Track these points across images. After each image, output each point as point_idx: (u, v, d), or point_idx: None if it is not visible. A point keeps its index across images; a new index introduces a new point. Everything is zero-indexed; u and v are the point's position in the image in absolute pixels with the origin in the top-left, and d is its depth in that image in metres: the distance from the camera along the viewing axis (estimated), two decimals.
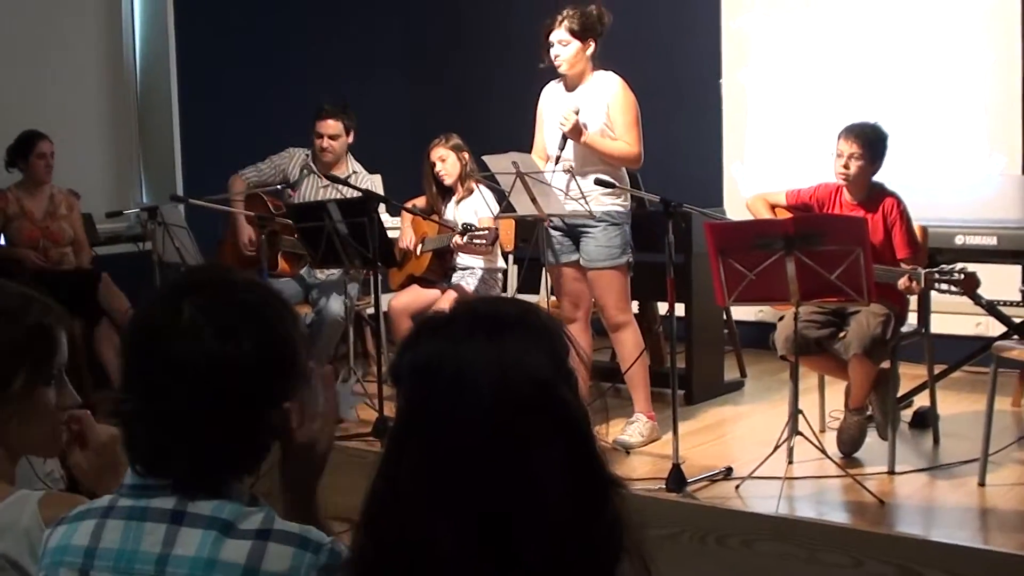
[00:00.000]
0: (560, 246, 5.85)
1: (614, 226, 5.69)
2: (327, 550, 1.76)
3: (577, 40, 5.64)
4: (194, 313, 1.79)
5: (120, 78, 8.14)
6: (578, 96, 5.74)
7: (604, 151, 5.64)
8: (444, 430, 1.45)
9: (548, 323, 1.55)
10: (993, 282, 6.40)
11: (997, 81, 7.23)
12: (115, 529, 1.80)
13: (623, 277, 5.76)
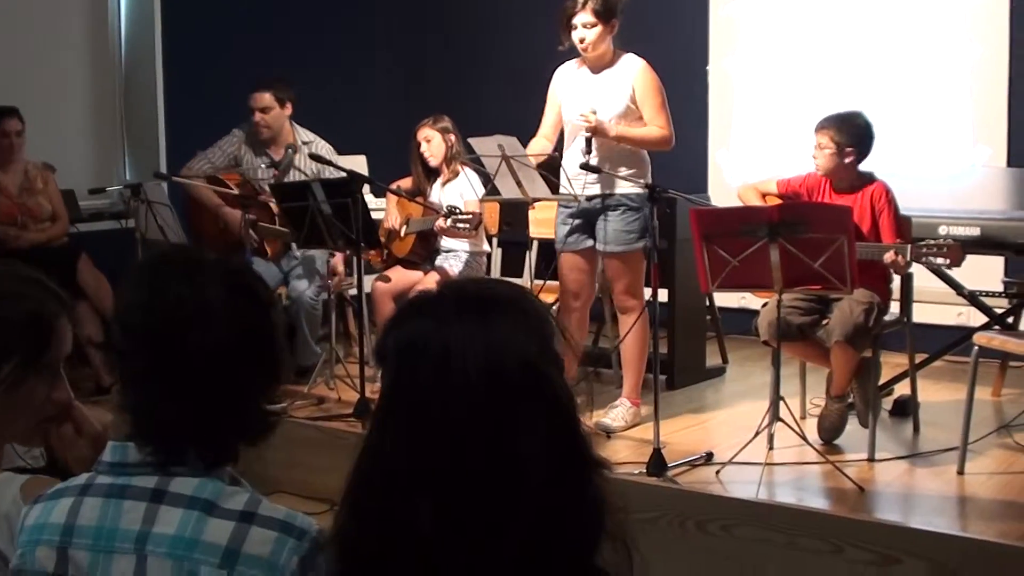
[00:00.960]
0: (572, 234, 5.78)
1: (633, 210, 5.62)
2: (310, 538, 1.75)
3: (601, 22, 5.55)
4: (212, 298, 1.81)
5: (105, 54, 8.09)
6: (603, 80, 5.67)
7: (639, 139, 5.60)
8: (428, 409, 1.45)
9: (536, 305, 1.55)
10: (975, 273, 6.43)
11: (983, 72, 7.25)
12: (94, 506, 1.79)
13: (638, 262, 5.68)
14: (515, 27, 9.02)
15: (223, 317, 1.80)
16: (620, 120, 5.59)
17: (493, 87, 9.16)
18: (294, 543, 1.73)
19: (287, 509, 1.79)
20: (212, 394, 1.79)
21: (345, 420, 5.82)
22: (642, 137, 5.61)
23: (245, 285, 1.87)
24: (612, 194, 5.62)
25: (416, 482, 1.44)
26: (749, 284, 5.22)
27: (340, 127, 7.38)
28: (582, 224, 5.74)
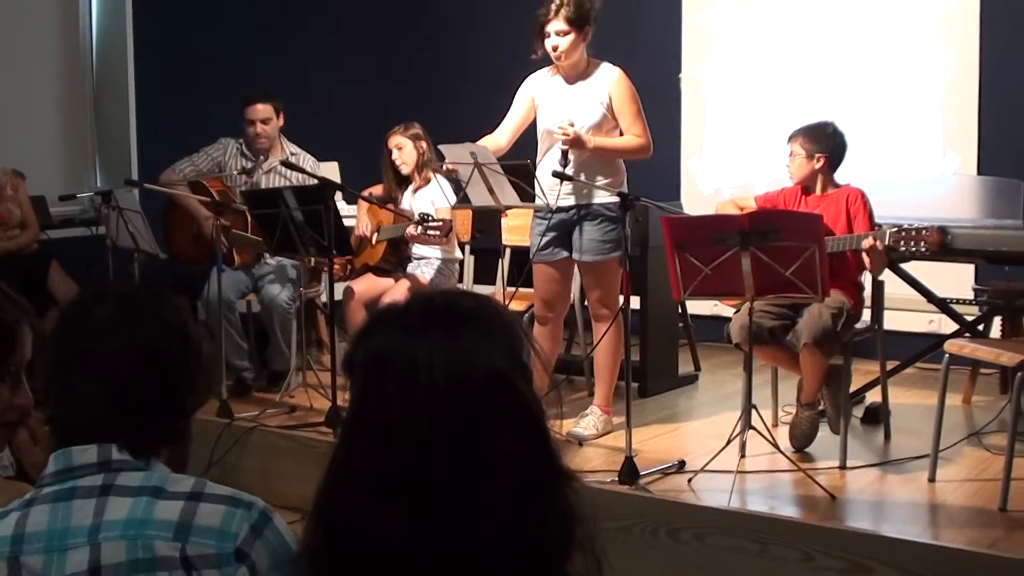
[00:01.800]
0: (548, 246, 5.75)
1: (609, 220, 5.59)
2: (258, 508, 1.83)
3: (574, 30, 5.53)
4: (106, 309, 1.94)
5: (76, 61, 8.06)
6: (578, 90, 5.65)
7: (617, 149, 5.60)
8: (397, 420, 1.44)
9: (504, 316, 1.55)
10: (946, 280, 6.48)
11: (954, 81, 7.29)
12: (41, 513, 1.82)
13: (613, 272, 5.64)
14: (486, 33, 9.02)
15: (111, 337, 1.90)
16: (596, 130, 5.59)
17: (463, 93, 9.16)
18: (243, 512, 1.81)
19: (232, 488, 1.87)
20: (119, 403, 1.88)
21: (317, 429, 5.80)
22: (621, 147, 5.60)
23: (137, 306, 1.96)
24: (590, 204, 5.62)
25: (385, 493, 1.44)
26: (721, 292, 5.23)
27: (312, 134, 7.35)
28: (557, 235, 5.72)
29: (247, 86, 7.02)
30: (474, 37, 9.19)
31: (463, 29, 9.28)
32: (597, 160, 5.59)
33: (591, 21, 5.57)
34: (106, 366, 1.88)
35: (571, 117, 5.54)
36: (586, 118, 5.59)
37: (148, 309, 1.95)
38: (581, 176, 5.54)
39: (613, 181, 5.61)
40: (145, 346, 1.90)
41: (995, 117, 7.20)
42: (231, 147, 6.97)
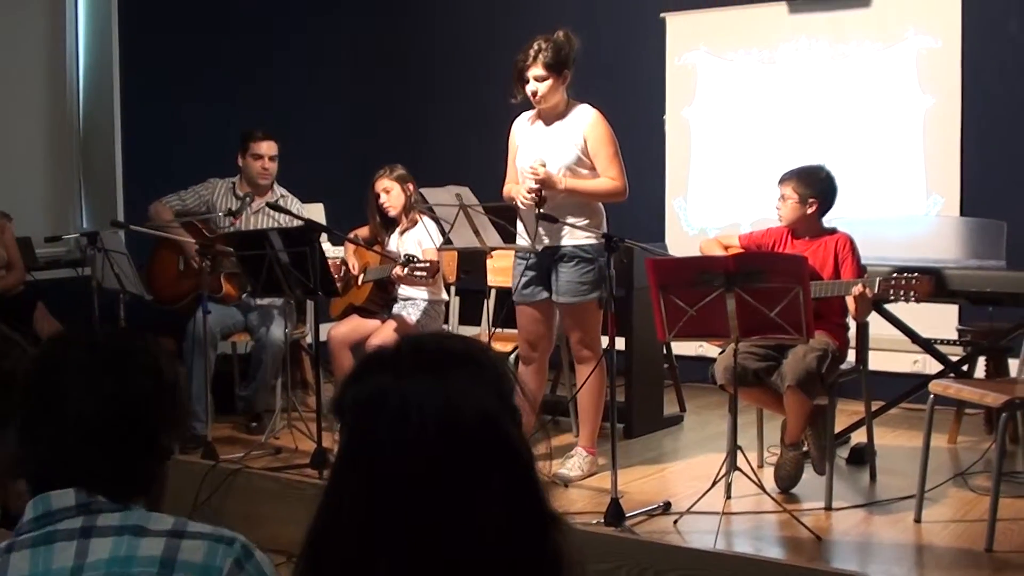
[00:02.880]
0: (528, 286, 5.77)
1: (586, 261, 5.60)
2: (239, 543, 1.84)
3: (552, 74, 5.56)
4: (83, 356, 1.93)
5: (62, 103, 8.06)
6: (554, 131, 5.67)
7: (589, 192, 5.60)
8: (387, 465, 1.44)
9: (494, 360, 1.55)
10: (930, 321, 6.51)
11: (936, 123, 7.35)
12: (22, 559, 1.80)
13: (592, 314, 5.66)
14: (470, 75, 9.07)
15: (86, 382, 1.89)
16: (571, 171, 5.60)
17: (446, 135, 9.21)
18: (225, 547, 1.82)
19: (213, 526, 1.88)
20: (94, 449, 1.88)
21: (302, 471, 5.78)
22: (593, 189, 5.60)
23: (113, 350, 1.96)
24: (565, 246, 5.63)
25: (375, 537, 1.44)
26: (706, 333, 5.24)
27: (297, 175, 7.37)
28: (537, 275, 5.73)
29: (232, 129, 7.04)
30: (457, 78, 9.23)
31: (447, 71, 9.32)
32: (572, 202, 5.59)
33: (569, 64, 5.60)
34: (81, 412, 1.87)
35: (546, 158, 5.55)
36: (560, 159, 5.59)
37: (124, 353, 1.94)
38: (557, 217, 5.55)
39: (591, 222, 5.61)
40: (121, 392, 1.90)
41: (977, 159, 7.25)
42: (220, 187, 6.99)
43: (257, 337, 6.75)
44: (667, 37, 8.31)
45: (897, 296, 5.15)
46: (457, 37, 9.28)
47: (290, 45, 9.00)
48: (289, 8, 8.98)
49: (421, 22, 9.46)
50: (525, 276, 5.76)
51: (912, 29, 7.42)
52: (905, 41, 7.45)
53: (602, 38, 8.13)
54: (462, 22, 9.26)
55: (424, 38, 9.44)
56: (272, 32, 8.87)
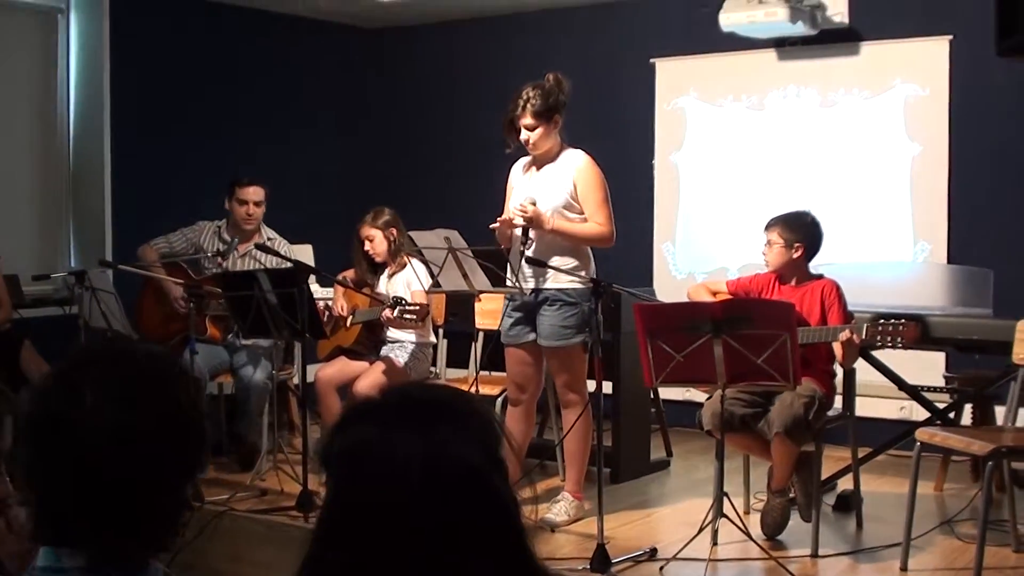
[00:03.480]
0: (515, 327, 5.78)
1: (569, 305, 5.59)
2: None
3: (543, 121, 5.60)
4: (95, 394, 1.72)
5: (52, 141, 8.07)
6: (545, 174, 5.70)
7: (576, 235, 5.60)
8: (372, 516, 1.44)
9: (480, 411, 1.55)
10: (917, 368, 6.52)
11: (924, 171, 7.39)
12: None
13: (577, 357, 5.67)
14: (460, 119, 9.11)
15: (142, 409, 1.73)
16: (560, 214, 5.61)
17: (434, 175, 9.24)
18: None
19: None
20: (114, 495, 1.72)
21: (287, 513, 5.76)
22: (580, 232, 5.61)
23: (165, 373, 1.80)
24: (546, 289, 5.64)
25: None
26: (693, 379, 5.24)
27: (285, 217, 7.39)
28: (523, 317, 5.74)
29: (221, 170, 7.06)
30: (448, 122, 9.27)
31: (437, 114, 9.36)
32: (559, 245, 5.61)
33: (559, 109, 5.63)
34: (95, 460, 1.70)
35: (536, 199, 5.58)
36: (549, 200, 5.61)
37: (147, 391, 1.76)
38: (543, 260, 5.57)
39: (578, 266, 5.62)
40: (142, 437, 1.73)
41: (964, 206, 7.28)
42: (208, 229, 7.00)
43: (240, 378, 6.74)
44: (657, 82, 8.36)
45: (884, 342, 5.17)
46: (448, 81, 9.32)
47: (280, 88, 9.03)
48: (279, 54, 9.02)
49: (411, 67, 9.50)
50: (511, 317, 5.77)
51: (899, 77, 7.47)
52: (893, 89, 7.50)
53: (592, 83, 8.17)
54: (453, 67, 9.30)
55: (415, 83, 9.48)
56: (262, 76, 8.90)
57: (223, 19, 8.57)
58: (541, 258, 5.51)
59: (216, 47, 8.59)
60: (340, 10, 8.94)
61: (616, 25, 8.55)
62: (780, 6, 7.21)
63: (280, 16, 8.87)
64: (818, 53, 7.72)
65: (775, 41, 7.79)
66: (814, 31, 7.50)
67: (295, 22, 9.02)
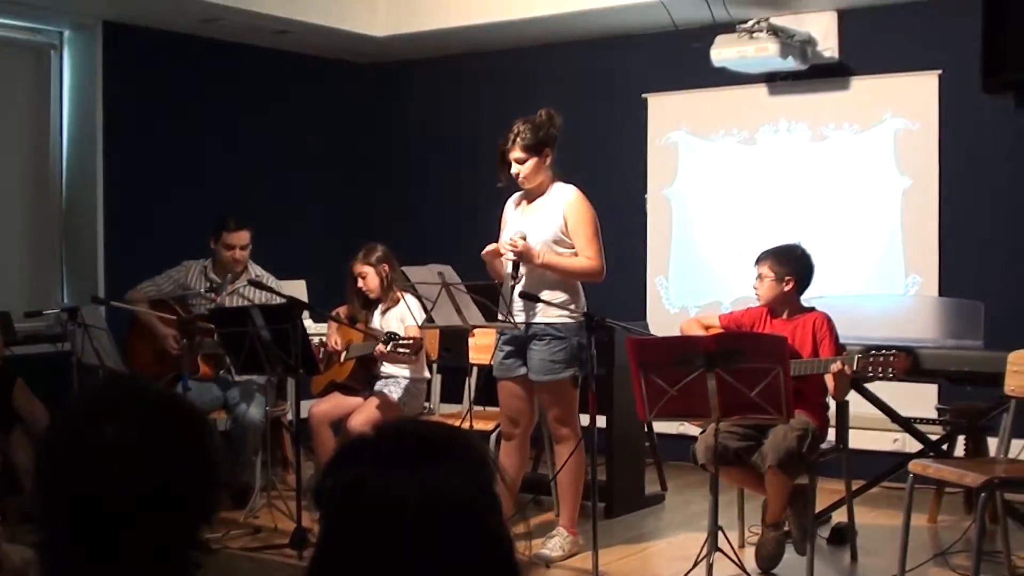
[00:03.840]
0: (507, 361, 5.79)
1: (558, 339, 5.61)
2: None
3: (533, 155, 5.65)
4: (118, 433, 1.70)
5: (45, 177, 8.08)
6: (535, 208, 5.73)
7: (565, 269, 5.62)
8: (366, 555, 1.44)
9: (473, 448, 1.55)
10: (910, 400, 6.52)
11: (914, 205, 7.41)
12: None
13: (567, 392, 5.68)
14: (453, 155, 9.15)
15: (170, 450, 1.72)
16: (550, 248, 5.64)
17: (429, 211, 9.26)
18: None
19: None
20: (131, 540, 1.69)
21: (281, 551, 5.75)
22: (569, 267, 5.63)
23: (188, 415, 1.79)
24: (535, 323, 5.65)
25: None
26: (686, 413, 5.25)
27: (279, 252, 7.40)
28: (515, 351, 5.75)
29: (214, 206, 7.07)
30: (441, 158, 9.30)
31: (431, 150, 9.39)
32: (548, 278, 5.62)
33: (550, 143, 5.66)
34: (113, 496, 1.67)
35: (526, 232, 5.60)
36: (540, 235, 5.64)
37: (165, 431, 1.74)
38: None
39: (567, 300, 5.63)
40: (161, 475, 1.70)
41: (955, 239, 7.31)
42: (194, 269, 7.00)
43: (235, 415, 6.73)
44: (648, 117, 8.39)
45: (875, 373, 5.18)
46: (441, 116, 9.35)
47: (274, 124, 9.05)
48: (273, 89, 9.05)
49: (404, 102, 9.53)
50: (503, 351, 5.78)
51: (889, 112, 7.51)
52: (883, 123, 7.54)
53: (585, 118, 8.21)
54: (446, 102, 9.33)
55: (408, 118, 9.51)
56: (256, 112, 8.92)
57: (216, 55, 8.60)
58: (531, 292, 5.52)
59: (209, 83, 8.61)
60: (334, 45, 8.97)
61: (608, 61, 8.59)
62: (771, 41, 7.25)
63: (273, 52, 8.91)
64: (808, 88, 7.77)
65: (766, 76, 7.83)
66: (804, 66, 7.54)
67: (288, 58, 9.05)
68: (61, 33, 8.09)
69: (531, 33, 8.47)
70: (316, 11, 8.25)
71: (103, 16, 7.91)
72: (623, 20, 8.07)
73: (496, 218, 5.97)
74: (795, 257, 5.64)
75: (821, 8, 7.55)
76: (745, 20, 7.35)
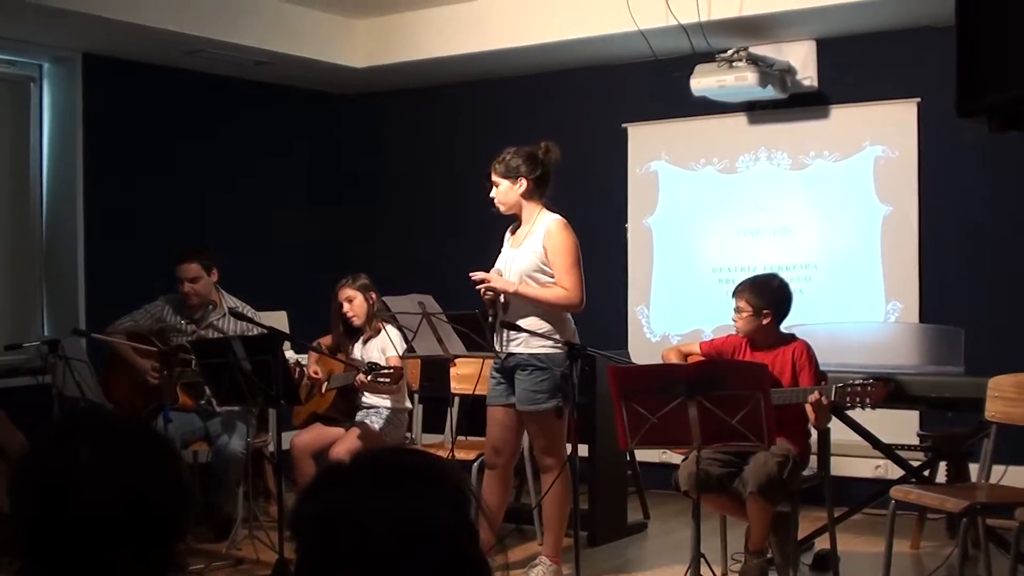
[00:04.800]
0: (498, 388, 5.80)
1: (541, 370, 5.61)
2: None
3: (506, 179, 5.70)
4: (93, 455, 1.74)
5: (26, 210, 8.07)
6: (521, 236, 5.76)
7: (540, 299, 5.63)
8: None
9: (452, 475, 1.55)
10: (892, 426, 6.54)
11: (894, 232, 7.45)
12: None
13: (551, 422, 5.65)
14: (436, 186, 9.16)
15: (93, 483, 1.73)
16: (530, 277, 5.65)
17: (411, 242, 9.26)
18: None
19: None
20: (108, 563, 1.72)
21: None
22: (543, 297, 5.64)
23: (126, 448, 1.80)
24: (519, 353, 5.66)
25: None
26: (668, 441, 5.25)
27: (260, 284, 7.39)
28: (504, 380, 5.77)
29: (194, 239, 7.05)
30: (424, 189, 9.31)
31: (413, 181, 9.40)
32: (530, 308, 5.64)
33: (531, 175, 5.70)
34: (90, 518, 1.71)
35: (511, 264, 5.65)
36: (519, 265, 5.67)
37: (137, 452, 1.78)
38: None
39: (550, 331, 5.64)
40: (136, 495, 1.74)
41: (935, 266, 7.34)
42: (166, 306, 6.96)
43: (216, 446, 6.70)
44: (629, 147, 8.43)
45: (853, 403, 5.20)
46: (422, 147, 9.36)
47: (254, 155, 9.06)
48: (253, 121, 9.06)
49: (384, 133, 9.55)
50: (494, 379, 5.80)
51: (869, 140, 7.56)
52: (862, 151, 7.58)
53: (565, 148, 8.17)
54: (427, 133, 9.35)
55: (389, 149, 9.53)
56: (236, 143, 8.93)
57: (196, 87, 8.61)
58: (513, 322, 5.54)
59: (189, 115, 8.62)
60: (313, 77, 8.99)
61: (588, 91, 8.63)
62: (750, 71, 7.29)
63: (253, 83, 8.92)
64: (788, 116, 7.81)
65: (745, 105, 7.87)
66: (784, 95, 7.58)
67: (268, 89, 9.07)
68: (41, 66, 8.09)
69: (511, 63, 8.50)
70: (296, 43, 8.28)
71: (83, 49, 7.92)
72: (603, 50, 8.11)
73: (475, 248, 5.99)
74: (772, 290, 5.64)
75: (800, 37, 7.61)
76: (724, 50, 7.40)
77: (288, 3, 8.17)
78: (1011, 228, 7.17)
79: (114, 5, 7.15)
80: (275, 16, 8.13)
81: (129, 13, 7.24)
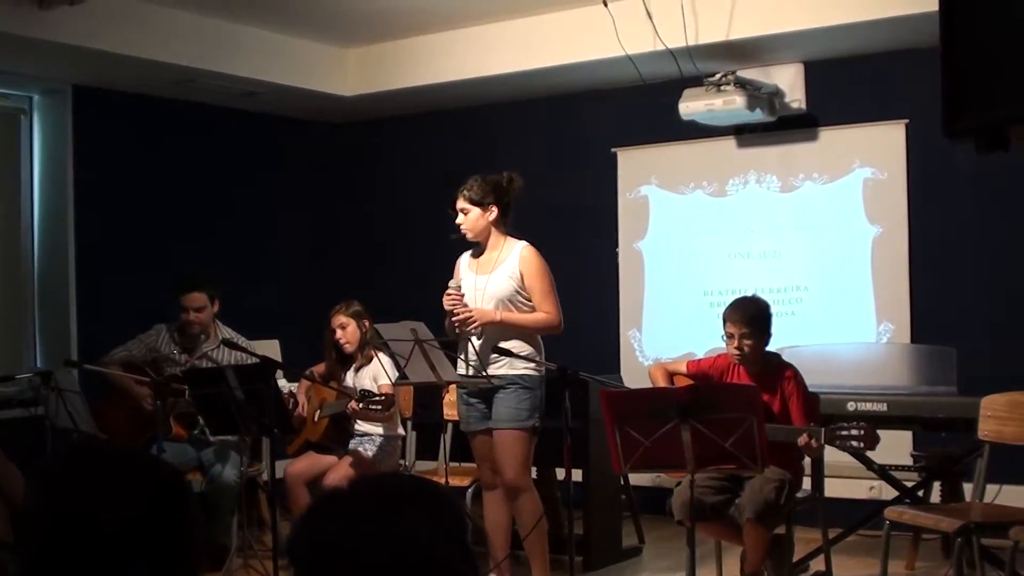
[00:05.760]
0: (475, 414, 5.80)
1: (525, 390, 5.63)
2: None
3: (476, 207, 5.72)
4: (103, 492, 1.73)
5: (17, 242, 8.07)
6: (487, 263, 5.78)
7: (524, 324, 5.66)
8: None
9: (447, 501, 1.55)
10: (885, 447, 6.50)
11: (884, 253, 7.46)
12: None
13: (525, 441, 5.67)
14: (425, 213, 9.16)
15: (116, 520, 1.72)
16: (509, 303, 5.68)
17: (403, 269, 9.26)
18: None
19: None
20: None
21: None
22: (527, 322, 5.68)
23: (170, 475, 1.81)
24: (505, 374, 5.66)
25: None
26: (662, 464, 5.24)
27: (252, 313, 7.39)
28: (483, 403, 5.77)
29: (186, 269, 7.05)
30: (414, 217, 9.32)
31: (403, 208, 9.41)
32: (510, 333, 5.65)
33: (497, 202, 5.73)
34: (103, 559, 1.69)
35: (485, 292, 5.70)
36: (493, 290, 5.69)
37: (150, 485, 1.77)
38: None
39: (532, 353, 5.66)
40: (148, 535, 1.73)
41: (926, 286, 7.36)
42: (164, 333, 6.97)
43: (210, 476, 6.68)
44: (619, 171, 8.44)
45: (844, 446, 5.17)
46: (414, 174, 9.38)
47: (245, 184, 9.06)
48: (244, 150, 9.07)
49: (376, 160, 9.57)
50: (468, 404, 5.81)
51: (858, 161, 7.58)
52: (852, 173, 7.61)
53: (555, 173, 8.27)
54: (419, 160, 9.37)
55: (380, 176, 9.55)
56: (227, 173, 8.94)
57: (188, 117, 8.62)
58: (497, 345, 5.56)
59: (181, 145, 8.63)
60: (303, 105, 9.01)
61: (578, 116, 8.66)
62: (738, 94, 7.31)
63: (243, 113, 8.93)
64: (777, 139, 7.84)
65: (734, 129, 7.90)
66: (772, 118, 7.61)
67: (259, 119, 9.08)
68: (31, 98, 8.11)
69: (501, 89, 8.52)
70: (286, 72, 8.30)
71: (73, 80, 7.93)
72: (592, 76, 8.14)
73: None
74: (757, 314, 5.59)
75: (787, 60, 7.64)
76: (712, 74, 7.42)
77: (277, 33, 8.19)
78: (1001, 247, 7.20)
79: (104, 37, 7.16)
80: (264, 46, 8.15)
81: (119, 45, 7.25)
